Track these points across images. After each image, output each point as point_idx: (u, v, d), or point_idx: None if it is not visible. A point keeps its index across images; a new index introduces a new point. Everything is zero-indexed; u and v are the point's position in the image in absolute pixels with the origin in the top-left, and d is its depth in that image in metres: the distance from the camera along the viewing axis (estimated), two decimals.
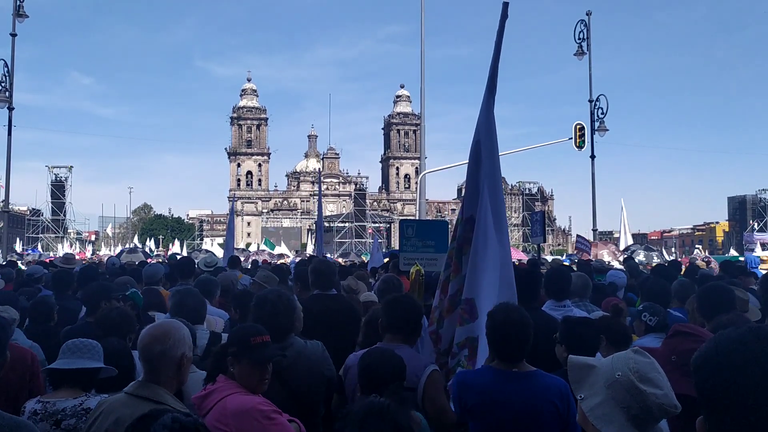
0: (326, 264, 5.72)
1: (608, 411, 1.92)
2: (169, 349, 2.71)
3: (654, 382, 1.96)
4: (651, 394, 1.92)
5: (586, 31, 25.21)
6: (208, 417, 2.72)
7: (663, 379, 1.99)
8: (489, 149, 3.99)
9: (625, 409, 1.92)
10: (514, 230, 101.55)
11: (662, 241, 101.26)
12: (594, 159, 25.34)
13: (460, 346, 3.82)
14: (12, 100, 22.02)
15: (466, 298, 3.83)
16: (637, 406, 1.92)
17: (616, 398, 1.94)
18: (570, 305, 5.19)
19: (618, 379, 1.95)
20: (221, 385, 2.85)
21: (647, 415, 1.93)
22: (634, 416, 1.92)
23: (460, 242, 4.02)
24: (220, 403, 2.78)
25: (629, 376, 1.95)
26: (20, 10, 22.41)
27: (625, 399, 1.93)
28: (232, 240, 15.19)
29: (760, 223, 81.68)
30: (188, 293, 4.63)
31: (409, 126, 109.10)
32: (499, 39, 4.06)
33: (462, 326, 3.82)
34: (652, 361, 2.02)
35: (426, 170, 23.67)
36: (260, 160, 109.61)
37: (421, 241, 7.83)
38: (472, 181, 4.09)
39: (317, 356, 3.70)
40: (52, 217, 68.49)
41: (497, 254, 3.84)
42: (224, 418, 2.73)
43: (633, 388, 1.93)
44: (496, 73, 4.04)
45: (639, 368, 1.98)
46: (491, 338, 3.27)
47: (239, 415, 2.74)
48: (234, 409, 2.75)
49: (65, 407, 3.06)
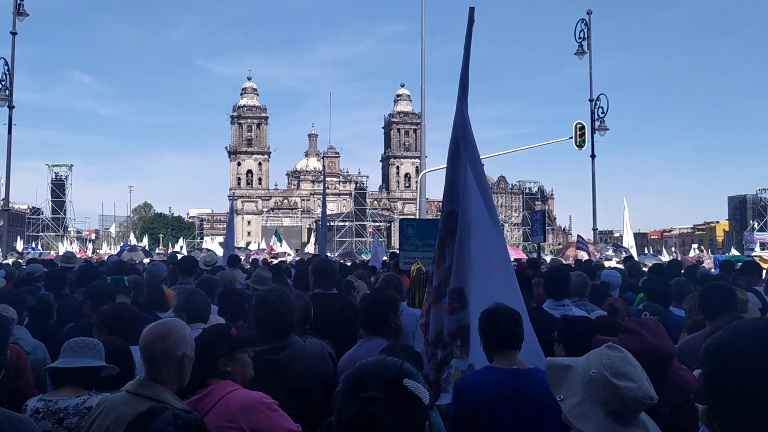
0: (327, 263, 5.73)
1: (586, 409, 1.93)
2: (170, 348, 2.71)
3: (628, 376, 1.97)
4: (625, 389, 1.94)
5: (587, 30, 25.23)
6: (210, 417, 2.71)
7: (637, 371, 2.00)
8: (468, 146, 4.08)
9: (602, 405, 1.94)
10: (515, 229, 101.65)
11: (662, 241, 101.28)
12: (594, 158, 25.38)
13: (452, 336, 3.83)
14: (12, 99, 22.04)
15: (454, 287, 3.85)
16: (614, 401, 1.94)
17: (593, 396, 1.95)
18: (569, 304, 5.20)
19: (593, 377, 1.97)
20: (216, 386, 2.84)
21: (625, 409, 1.94)
22: (612, 412, 1.93)
23: (442, 235, 4.08)
24: (221, 401, 2.78)
25: (603, 372, 1.97)
26: (20, 8, 22.42)
27: (601, 395, 1.95)
28: (232, 239, 15.17)
29: (760, 222, 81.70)
30: (194, 293, 4.64)
31: (410, 125, 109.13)
32: (467, 43, 4.11)
33: (452, 315, 3.82)
34: (625, 355, 2.04)
35: (426, 169, 23.67)
36: (260, 159, 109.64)
37: (422, 240, 7.85)
38: (451, 177, 4.14)
39: (317, 356, 3.72)
40: (52, 215, 68.54)
41: (487, 245, 3.90)
42: (230, 414, 2.74)
43: (608, 384, 1.95)
44: (467, 76, 4.10)
45: (612, 363, 2.00)
46: (484, 332, 3.32)
47: (246, 409, 2.77)
48: (239, 404, 2.77)
49: (67, 405, 3.07)
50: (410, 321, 4.74)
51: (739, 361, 1.28)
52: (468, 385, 3.29)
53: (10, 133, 22.24)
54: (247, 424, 2.74)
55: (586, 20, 25.33)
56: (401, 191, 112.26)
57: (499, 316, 3.29)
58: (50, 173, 69.24)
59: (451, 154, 4.16)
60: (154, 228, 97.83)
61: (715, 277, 8.27)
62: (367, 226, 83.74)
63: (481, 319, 3.35)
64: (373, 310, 3.99)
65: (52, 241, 62.69)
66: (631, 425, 1.96)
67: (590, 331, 3.66)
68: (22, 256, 28.25)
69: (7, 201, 25.98)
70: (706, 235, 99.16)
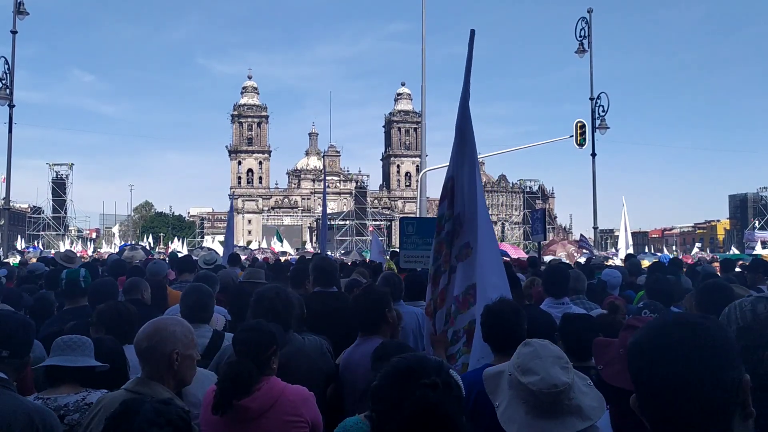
0: (328, 261, 5.73)
1: (511, 411, 1.97)
2: (155, 345, 2.72)
3: (533, 371, 2.00)
4: (530, 384, 1.97)
5: (588, 28, 25.18)
6: (273, 413, 2.79)
7: (543, 362, 2.02)
8: (470, 153, 4.13)
9: (524, 404, 1.97)
10: (515, 228, 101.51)
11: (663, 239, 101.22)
12: (595, 157, 25.34)
13: (465, 331, 3.91)
14: (13, 98, 22.01)
15: (470, 284, 3.93)
16: (529, 398, 1.97)
17: (515, 397, 2.00)
18: (569, 302, 5.20)
19: (510, 378, 2.01)
20: (267, 383, 2.88)
21: (539, 403, 1.96)
22: (533, 408, 1.95)
23: (451, 237, 4.10)
24: (281, 398, 2.85)
25: (514, 372, 2.01)
26: (21, 7, 22.39)
27: (520, 395, 1.98)
28: (232, 237, 15.12)
29: (761, 221, 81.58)
30: (196, 290, 4.57)
31: (410, 124, 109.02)
32: (468, 65, 4.09)
33: (468, 310, 3.90)
34: (534, 349, 2.07)
35: (427, 168, 23.66)
36: (261, 157, 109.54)
37: (422, 238, 7.85)
38: (459, 180, 4.17)
39: (316, 352, 3.73)
40: (53, 214, 68.53)
41: (487, 244, 3.95)
42: (295, 408, 2.86)
43: (518, 382, 2.00)
44: (467, 95, 4.09)
45: (521, 362, 2.03)
46: (486, 328, 3.33)
47: (305, 401, 2.95)
48: (300, 398, 2.93)
49: (67, 402, 3.07)
50: (411, 320, 4.74)
51: (648, 355, 1.36)
52: (469, 383, 3.29)
53: (11, 131, 22.19)
54: (309, 416, 2.91)
55: (586, 18, 25.29)
56: (402, 190, 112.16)
57: (501, 313, 3.29)
58: (51, 172, 69.26)
59: (457, 160, 4.20)
60: (155, 227, 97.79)
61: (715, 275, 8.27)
62: (368, 224, 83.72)
63: (484, 315, 3.36)
64: (366, 310, 3.92)
65: (53, 240, 62.69)
66: (562, 415, 1.97)
67: (591, 329, 3.66)
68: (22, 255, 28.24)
69: (8, 200, 25.96)
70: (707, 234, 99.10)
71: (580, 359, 3.61)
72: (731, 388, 1.30)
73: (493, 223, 18.44)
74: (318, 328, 4.29)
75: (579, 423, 1.97)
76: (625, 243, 21.29)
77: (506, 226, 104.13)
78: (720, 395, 1.30)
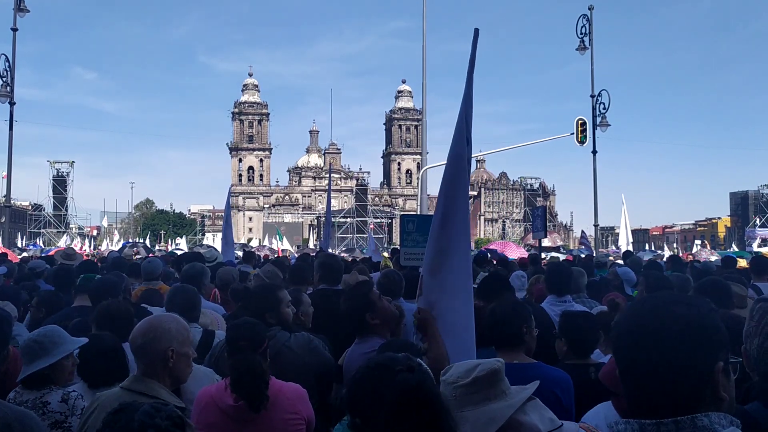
0: (335, 259, 5.70)
1: (456, 414, 1.98)
2: (149, 343, 2.71)
3: (446, 370, 2.11)
4: (442, 382, 2.05)
5: (588, 26, 25.11)
6: (274, 411, 2.79)
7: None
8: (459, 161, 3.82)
9: (457, 401, 2.03)
10: (516, 225, 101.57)
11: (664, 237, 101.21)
12: (596, 154, 25.26)
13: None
14: (13, 95, 21.99)
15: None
16: (450, 394, 2.04)
17: (456, 400, 2.04)
18: (571, 300, 5.19)
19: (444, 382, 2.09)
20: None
21: (455, 395, 2.02)
22: (460, 403, 2.02)
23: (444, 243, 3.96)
24: (279, 395, 2.84)
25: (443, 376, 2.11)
26: (21, 4, 22.35)
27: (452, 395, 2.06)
28: (231, 233, 14.72)
29: (762, 218, 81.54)
30: (179, 291, 4.51)
31: (411, 121, 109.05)
32: (471, 64, 3.92)
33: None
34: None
35: (427, 165, 23.62)
36: (262, 155, 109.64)
37: (423, 236, 7.82)
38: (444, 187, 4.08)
39: (302, 349, 3.69)
40: (53, 212, 68.69)
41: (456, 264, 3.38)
42: (292, 406, 2.87)
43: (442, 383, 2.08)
44: (470, 99, 3.89)
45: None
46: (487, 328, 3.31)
47: (301, 398, 2.95)
48: (296, 395, 2.93)
49: (27, 399, 3.09)
50: (411, 317, 4.71)
51: (622, 336, 1.44)
52: (554, 378, 3.29)
53: (12, 129, 22.18)
54: (306, 413, 2.92)
55: (587, 16, 25.21)
56: (402, 187, 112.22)
57: (503, 313, 3.27)
58: (52, 169, 69.46)
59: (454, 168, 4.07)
60: (156, 224, 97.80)
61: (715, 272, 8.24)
62: (369, 222, 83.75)
63: (488, 316, 3.33)
64: (348, 316, 3.87)
65: (54, 237, 62.74)
66: (494, 400, 2.04)
67: (592, 326, 3.65)
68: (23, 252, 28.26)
69: (9, 197, 25.94)
70: (708, 231, 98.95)
71: (580, 356, 3.61)
72: (700, 374, 1.34)
73: (494, 221, 18.24)
74: (323, 326, 4.27)
75: None
76: (625, 240, 21.28)
77: (507, 223, 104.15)
78: (686, 380, 1.34)
